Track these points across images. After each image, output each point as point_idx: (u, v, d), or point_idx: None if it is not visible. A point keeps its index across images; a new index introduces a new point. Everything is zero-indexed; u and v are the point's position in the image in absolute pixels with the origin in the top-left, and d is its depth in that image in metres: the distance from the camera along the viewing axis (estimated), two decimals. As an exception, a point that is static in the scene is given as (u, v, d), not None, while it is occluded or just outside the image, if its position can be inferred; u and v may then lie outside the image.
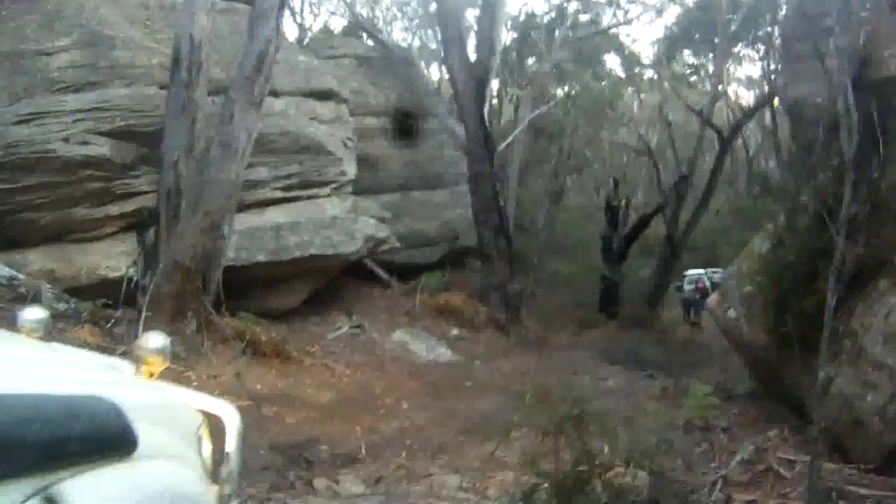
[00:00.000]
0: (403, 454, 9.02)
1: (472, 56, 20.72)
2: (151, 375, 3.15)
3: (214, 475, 2.98)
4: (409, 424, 10.56)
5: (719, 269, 27.84)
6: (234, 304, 12.95)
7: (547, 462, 6.03)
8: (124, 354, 2.70)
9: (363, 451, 9.21)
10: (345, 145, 16.88)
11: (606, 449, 6.08)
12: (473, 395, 12.68)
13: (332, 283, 16.90)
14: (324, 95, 16.86)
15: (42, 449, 1.91)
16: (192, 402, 3.06)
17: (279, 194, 15.22)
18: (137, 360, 3.16)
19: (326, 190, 16.14)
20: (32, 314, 3.39)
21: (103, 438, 2.16)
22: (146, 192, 13.03)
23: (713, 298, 12.51)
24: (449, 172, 23.15)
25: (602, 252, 28.21)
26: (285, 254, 14.69)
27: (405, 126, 21.31)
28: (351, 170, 16.89)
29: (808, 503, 5.25)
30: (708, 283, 26.98)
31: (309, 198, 15.77)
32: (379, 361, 14.01)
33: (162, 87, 12.62)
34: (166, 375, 3.32)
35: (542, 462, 6.07)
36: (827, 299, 5.65)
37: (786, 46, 12.43)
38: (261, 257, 14.33)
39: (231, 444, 3.10)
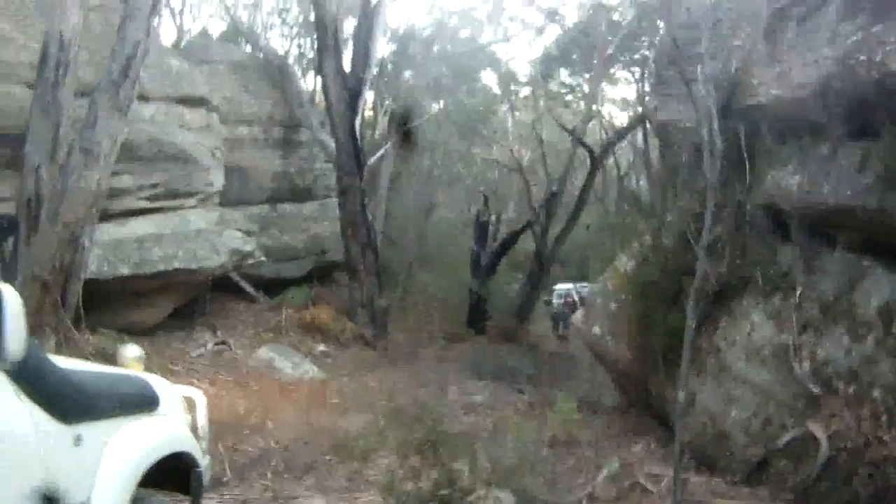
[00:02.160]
0: (269, 475, 8.69)
1: (348, 67, 20.43)
2: None
3: (194, 434, 4.25)
4: (275, 444, 10.20)
5: (588, 284, 28.36)
6: (96, 320, 12.28)
7: (408, 483, 5.90)
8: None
9: (228, 472, 8.84)
10: (213, 155, 16.29)
11: (466, 472, 5.97)
12: (340, 413, 12.41)
13: (197, 297, 16.35)
14: (194, 102, 16.21)
15: (120, 400, 3.45)
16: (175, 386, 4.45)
17: (144, 204, 14.53)
18: (121, 365, 4.61)
19: (192, 201, 15.55)
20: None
21: (143, 398, 3.74)
22: (7, 199, 12.26)
23: (579, 314, 12.64)
24: (318, 185, 22.74)
25: (471, 267, 28.33)
26: (149, 267, 14.00)
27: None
28: (218, 180, 16.35)
29: (673, 519, 5.24)
30: (577, 298, 27.52)
31: (174, 209, 15.11)
32: (244, 379, 13.56)
33: (29, 87, 11.85)
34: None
35: (404, 484, 5.94)
36: (687, 317, 5.68)
37: (657, 71, 12.69)
38: (124, 270, 13.64)
39: (202, 414, 4.46)
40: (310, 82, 27.45)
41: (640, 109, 30.81)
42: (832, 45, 7.01)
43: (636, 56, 28.42)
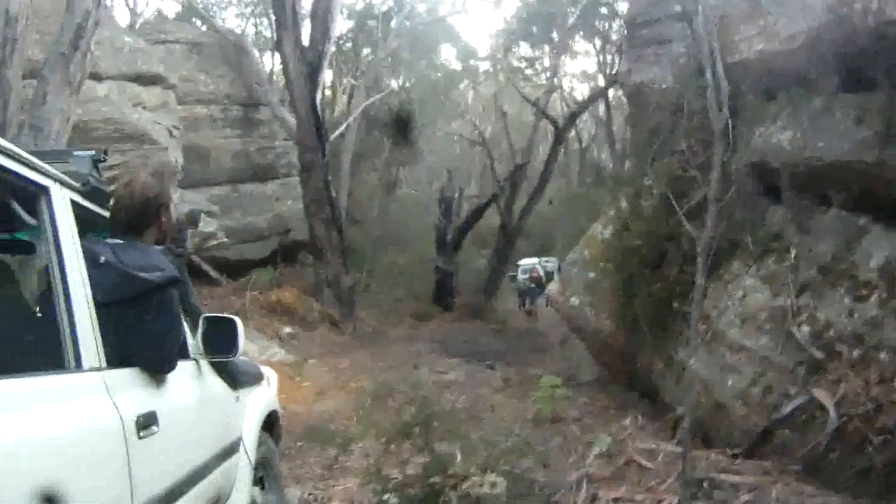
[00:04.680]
0: (240, 463, 8.26)
1: (306, 43, 19.85)
2: None
3: None
4: (243, 430, 9.76)
5: (553, 258, 28.40)
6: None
7: (393, 469, 5.55)
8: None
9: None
10: (171, 134, 15.75)
11: (459, 456, 5.58)
12: (309, 396, 12.00)
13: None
14: (150, 80, 15.62)
15: (252, 375, 4.88)
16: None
17: (100, 186, 13.93)
18: None
19: (150, 182, 14.98)
20: None
21: (259, 375, 5.08)
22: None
23: (554, 287, 12.28)
24: (280, 163, 22.34)
25: (436, 243, 28.04)
26: (104, 250, 13.47)
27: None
28: (178, 159, 15.82)
29: (681, 496, 4.88)
30: (542, 272, 27.42)
31: (132, 190, 14.54)
32: (208, 364, 13.04)
33: (-23, 68, 11.27)
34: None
35: (388, 469, 5.59)
36: (697, 282, 5.32)
37: (630, 32, 12.30)
38: (79, 253, 13.07)
39: (274, 386, 5.50)
40: (267, 62, 27.02)
41: (600, 82, 30.68)
42: (823, -7, 6.65)
43: (596, 26, 28.00)
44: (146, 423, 2.79)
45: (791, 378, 6.20)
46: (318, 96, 19.70)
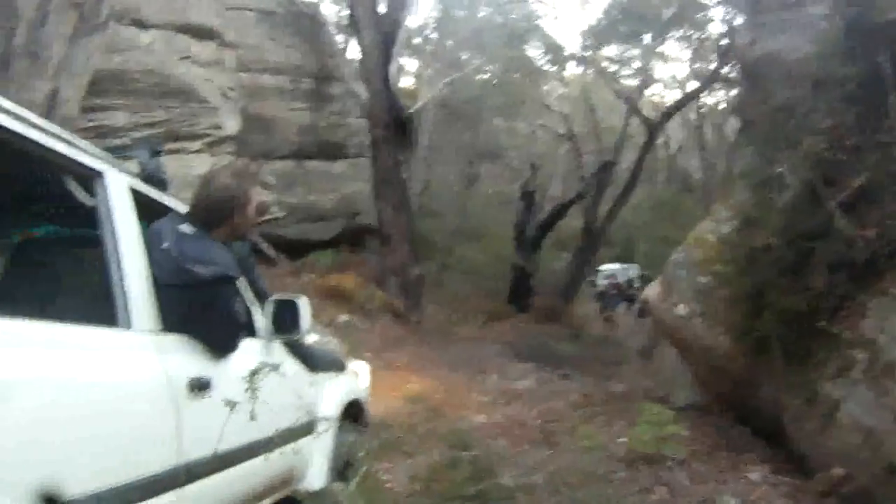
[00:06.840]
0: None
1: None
2: None
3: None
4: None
5: (634, 265, 26.98)
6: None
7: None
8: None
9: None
10: (224, 95, 14.19)
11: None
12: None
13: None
14: (202, 33, 13.95)
15: (330, 362, 5.14)
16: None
17: (138, 145, 12.46)
18: None
19: (197, 144, 13.40)
20: None
21: (339, 363, 5.44)
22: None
23: (654, 291, 10.40)
24: (351, 142, 20.91)
25: (515, 240, 26.44)
26: (140, 218, 12.02)
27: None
28: (231, 124, 14.25)
29: None
30: (623, 279, 26.30)
31: (176, 151, 13.00)
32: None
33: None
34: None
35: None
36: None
37: (752, -3, 10.43)
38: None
39: (365, 378, 5.99)
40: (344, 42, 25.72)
41: (688, 87, 29.07)
42: None
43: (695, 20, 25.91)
44: (198, 386, 2.98)
45: None
46: (395, 67, 18.16)
